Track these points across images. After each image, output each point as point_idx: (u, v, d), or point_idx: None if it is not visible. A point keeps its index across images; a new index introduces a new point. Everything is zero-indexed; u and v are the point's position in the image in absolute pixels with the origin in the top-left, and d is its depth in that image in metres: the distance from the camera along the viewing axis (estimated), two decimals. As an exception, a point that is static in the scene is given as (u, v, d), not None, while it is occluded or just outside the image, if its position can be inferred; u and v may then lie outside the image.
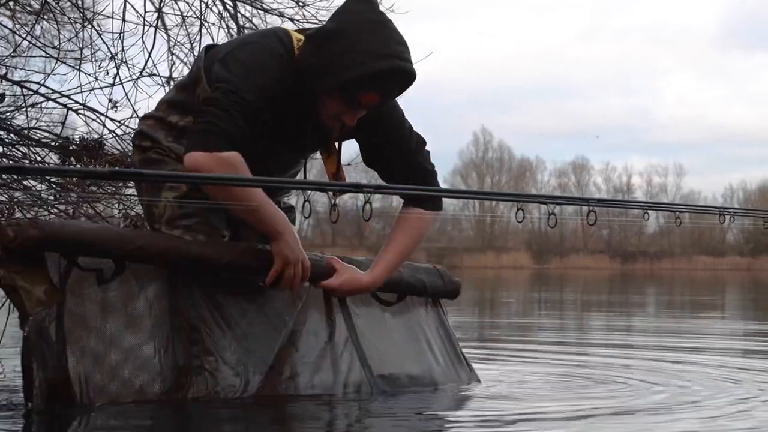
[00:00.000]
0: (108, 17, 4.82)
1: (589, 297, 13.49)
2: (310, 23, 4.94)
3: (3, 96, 4.26)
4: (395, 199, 3.28)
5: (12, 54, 4.79)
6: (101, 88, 4.61)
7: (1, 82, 4.43)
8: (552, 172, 54.10)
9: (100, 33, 4.80)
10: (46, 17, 4.80)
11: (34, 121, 4.53)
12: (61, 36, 4.74)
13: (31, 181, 4.22)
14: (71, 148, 4.13)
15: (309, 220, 2.70)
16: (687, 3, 78.38)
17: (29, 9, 5.07)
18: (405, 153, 2.93)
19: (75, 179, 4.12)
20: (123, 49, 4.78)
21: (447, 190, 3.82)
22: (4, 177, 4.02)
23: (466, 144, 54.49)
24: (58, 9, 4.77)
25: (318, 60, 2.69)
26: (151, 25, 4.91)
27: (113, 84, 4.65)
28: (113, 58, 4.73)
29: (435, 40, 60.05)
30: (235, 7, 5.07)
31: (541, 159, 55.66)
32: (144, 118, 2.98)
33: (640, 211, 2.82)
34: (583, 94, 74.02)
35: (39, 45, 4.76)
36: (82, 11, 4.74)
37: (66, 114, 4.50)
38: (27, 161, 4.24)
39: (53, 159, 4.29)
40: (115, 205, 4.44)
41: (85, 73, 4.64)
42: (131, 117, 4.54)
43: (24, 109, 4.46)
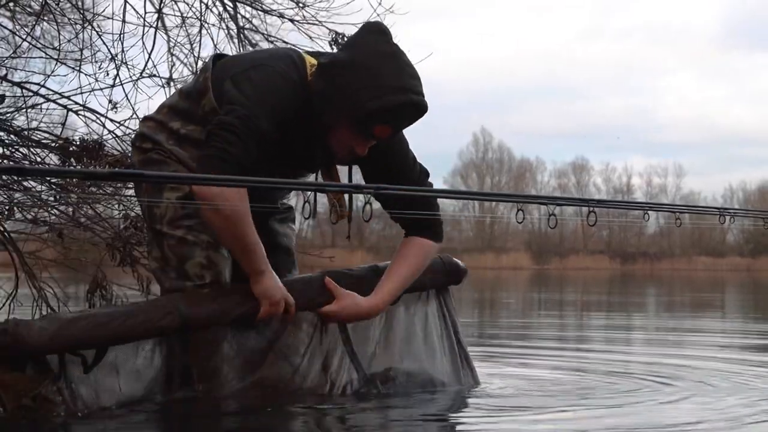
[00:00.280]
0: (108, 18, 4.83)
1: (589, 297, 13.49)
2: (310, 24, 4.95)
3: (3, 97, 4.26)
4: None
5: (12, 55, 4.80)
6: (101, 89, 4.62)
7: (1, 83, 4.43)
8: (552, 172, 54.11)
9: (100, 34, 4.81)
10: (46, 18, 4.80)
11: (34, 122, 4.54)
12: (61, 37, 4.75)
13: (32, 182, 4.22)
14: (71, 149, 4.13)
15: (309, 220, 2.71)
16: (687, 3, 78.35)
17: (29, 10, 5.07)
18: (407, 183, 2.93)
19: (75, 180, 4.13)
20: (123, 50, 4.79)
21: (447, 190, 3.82)
22: (4, 178, 4.02)
23: (465, 144, 54.42)
24: (58, 10, 4.78)
25: (332, 90, 2.70)
26: (151, 26, 4.91)
27: (113, 85, 4.65)
28: (113, 59, 4.74)
29: (435, 40, 60.04)
30: (235, 8, 5.07)
31: (541, 160, 55.58)
32: (144, 119, 2.97)
33: (640, 212, 2.82)
34: (584, 94, 74.03)
35: (39, 46, 4.76)
36: (82, 12, 4.74)
37: (66, 115, 4.51)
38: (27, 162, 4.24)
39: (53, 160, 4.29)
40: (115, 206, 4.44)
41: (85, 74, 4.64)
42: (131, 118, 4.55)
43: (24, 110, 4.47)
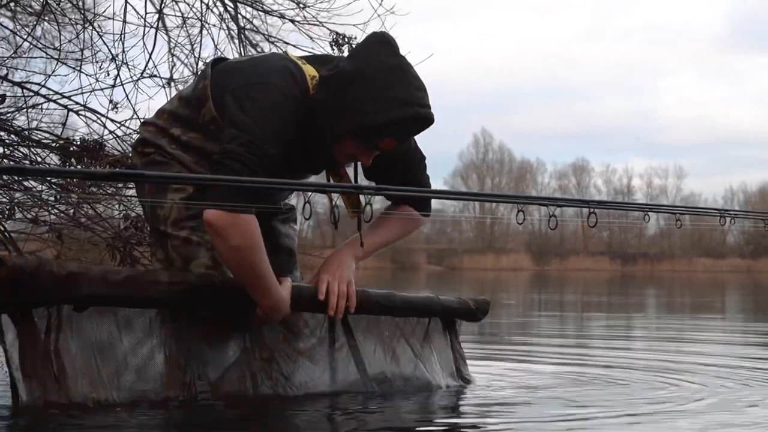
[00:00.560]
0: (109, 18, 4.83)
1: (590, 298, 13.49)
2: (311, 24, 4.95)
3: (4, 97, 4.26)
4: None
5: (13, 55, 4.80)
6: (102, 89, 4.61)
7: (2, 83, 4.44)
8: (552, 174, 54.18)
9: (100, 34, 4.81)
10: (47, 18, 4.80)
11: (34, 122, 4.54)
12: (62, 37, 4.75)
13: (32, 182, 4.22)
14: (72, 149, 4.14)
15: (309, 221, 2.71)
16: (688, 4, 78.54)
17: (30, 10, 5.07)
18: (410, 169, 2.95)
19: (75, 180, 4.12)
20: (124, 51, 4.79)
21: (447, 191, 3.83)
22: (4, 178, 4.02)
23: (466, 145, 54.45)
24: (58, 10, 4.78)
25: (337, 104, 2.68)
26: (152, 27, 4.91)
27: (114, 85, 4.65)
28: (114, 59, 4.74)
29: (435, 40, 60.09)
30: (236, 9, 5.07)
31: (542, 161, 55.85)
32: (145, 124, 2.96)
33: (640, 213, 2.82)
34: (584, 95, 74.10)
35: (40, 46, 4.76)
36: (82, 12, 4.74)
37: (67, 115, 4.51)
38: (28, 162, 4.24)
39: (54, 160, 4.29)
40: (116, 206, 4.44)
41: (86, 75, 4.64)
42: (132, 118, 4.55)
43: (25, 110, 4.47)
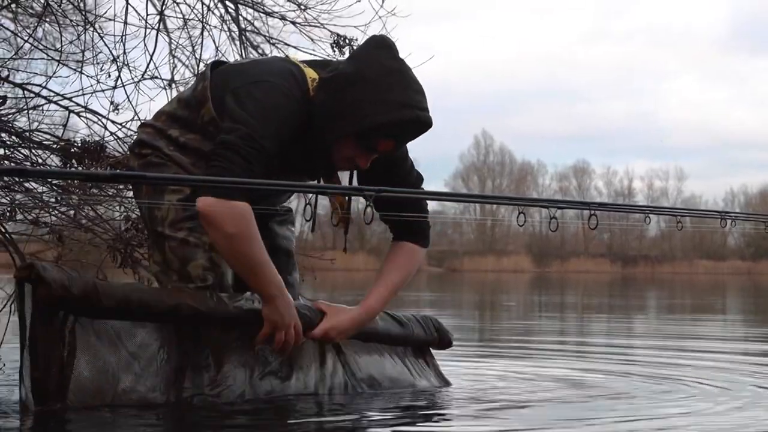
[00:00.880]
0: (110, 20, 4.83)
1: (590, 300, 13.49)
2: (312, 26, 4.95)
3: (5, 98, 4.26)
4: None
5: (14, 56, 4.80)
6: (103, 90, 4.61)
7: (3, 84, 4.43)
8: (553, 175, 54.21)
9: (101, 35, 4.80)
10: (48, 20, 4.80)
11: (35, 124, 4.53)
12: (63, 38, 4.74)
13: (33, 184, 4.22)
14: (73, 150, 4.13)
15: (310, 222, 2.71)
16: (690, 5, 78.44)
17: (31, 11, 5.07)
18: (406, 180, 2.93)
19: (76, 181, 4.12)
20: (125, 52, 4.78)
21: (448, 193, 3.82)
22: (5, 179, 4.02)
23: (467, 147, 54.44)
24: (60, 11, 4.77)
25: (336, 105, 2.69)
26: (153, 28, 4.91)
27: (115, 87, 4.65)
28: (115, 60, 4.73)
29: (436, 42, 60.08)
30: (237, 10, 5.07)
31: (543, 163, 55.80)
32: (143, 126, 2.96)
33: (641, 215, 2.83)
34: (585, 97, 74.08)
35: (41, 47, 4.76)
36: (84, 14, 4.74)
37: (68, 116, 4.50)
38: (28, 163, 4.24)
39: (55, 161, 4.29)
40: (117, 208, 4.44)
41: (87, 76, 4.64)
42: (133, 120, 4.54)
43: (26, 112, 4.46)
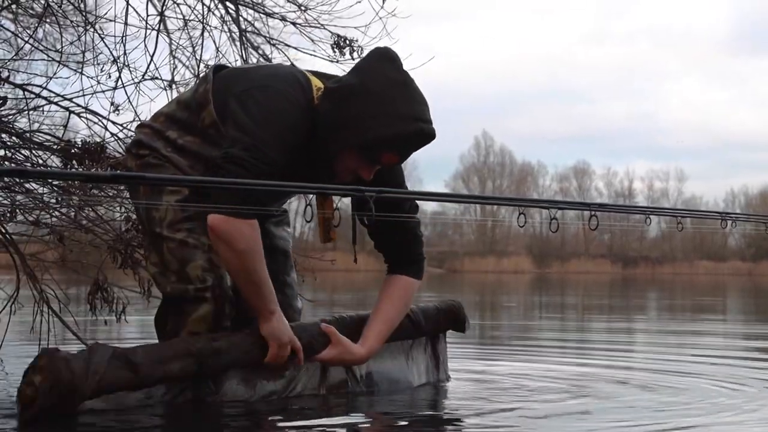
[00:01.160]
0: (110, 21, 4.83)
1: (590, 301, 13.48)
2: (312, 27, 4.95)
3: (5, 99, 4.25)
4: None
5: (14, 57, 4.79)
6: (103, 91, 4.60)
7: (3, 85, 4.43)
8: (553, 176, 54.18)
9: (102, 36, 4.80)
10: (48, 20, 4.80)
11: (36, 125, 4.53)
12: (64, 39, 4.74)
13: (33, 184, 4.21)
14: (73, 151, 4.13)
15: (310, 224, 2.71)
16: (692, 6, 78.31)
17: (31, 12, 5.07)
18: (401, 211, 2.91)
19: (77, 182, 4.12)
20: (125, 53, 4.78)
21: (448, 194, 3.82)
22: (6, 180, 4.02)
23: (467, 148, 54.31)
24: (60, 12, 4.77)
25: (340, 116, 2.69)
26: (153, 29, 4.91)
27: (115, 87, 4.64)
28: (115, 61, 4.73)
29: (436, 43, 60.04)
30: (237, 11, 5.07)
31: (543, 163, 55.81)
32: (141, 126, 2.96)
33: (641, 216, 2.83)
34: (586, 97, 74.04)
35: (41, 48, 4.75)
36: (84, 15, 4.74)
37: (68, 117, 4.50)
38: (29, 164, 4.24)
39: (55, 162, 4.29)
40: (117, 209, 4.44)
41: (87, 77, 4.63)
42: (133, 120, 4.53)
43: (26, 113, 4.46)
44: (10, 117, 4.38)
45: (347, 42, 4.81)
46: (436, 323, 3.26)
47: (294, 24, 5.00)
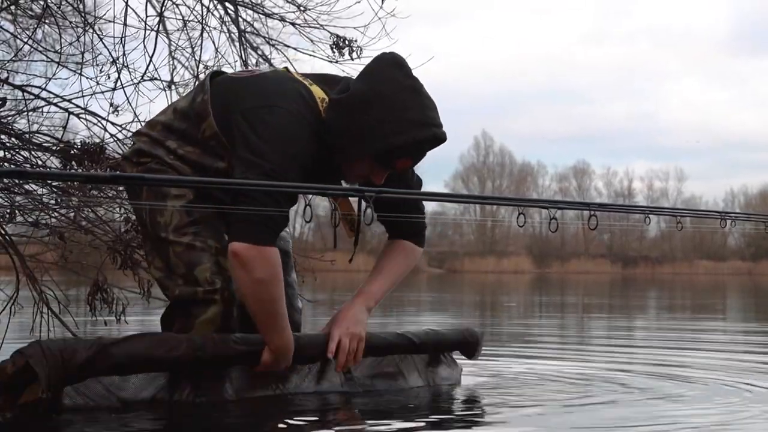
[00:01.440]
0: (109, 21, 4.83)
1: (590, 301, 13.49)
2: (311, 27, 4.95)
3: (4, 100, 4.25)
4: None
5: (13, 58, 4.79)
6: (102, 92, 4.60)
7: (2, 86, 4.43)
8: (553, 176, 54.21)
9: (101, 37, 4.80)
10: (47, 21, 4.80)
11: (35, 126, 4.53)
12: (63, 40, 4.73)
13: (33, 185, 4.21)
14: (72, 152, 4.13)
15: (310, 224, 2.71)
16: (691, 6, 78.34)
17: (31, 13, 5.07)
18: (409, 187, 2.96)
19: (76, 183, 4.12)
20: (124, 54, 4.78)
21: (448, 194, 3.83)
22: (5, 181, 4.02)
23: (467, 148, 54.34)
24: (59, 13, 4.77)
25: (354, 126, 2.69)
26: (153, 30, 4.91)
27: (114, 88, 4.64)
28: (114, 62, 4.73)
29: (435, 43, 60.09)
30: (236, 12, 5.07)
31: (543, 163, 55.82)
32: (138, 134, 2.94)
33: (641, 216, 2.83)
34: (585, 98, 74.04)
35: (40, 49, 4.75)
36: (83, 15, 4.74)
37: (67, 118, 4.50)
38: (28, 165, 4.24)
39: (54, 163, 4.29)
40: (117, 209, 4.44)
41: (87, 78, 4.63)
42: (132, 121, 4.54)
43: (25, 114, 4.46)
44: (9, 118, 4.38)
45: (346, 42, 4.81)
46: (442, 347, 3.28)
47: (293, 24, 5.00)
